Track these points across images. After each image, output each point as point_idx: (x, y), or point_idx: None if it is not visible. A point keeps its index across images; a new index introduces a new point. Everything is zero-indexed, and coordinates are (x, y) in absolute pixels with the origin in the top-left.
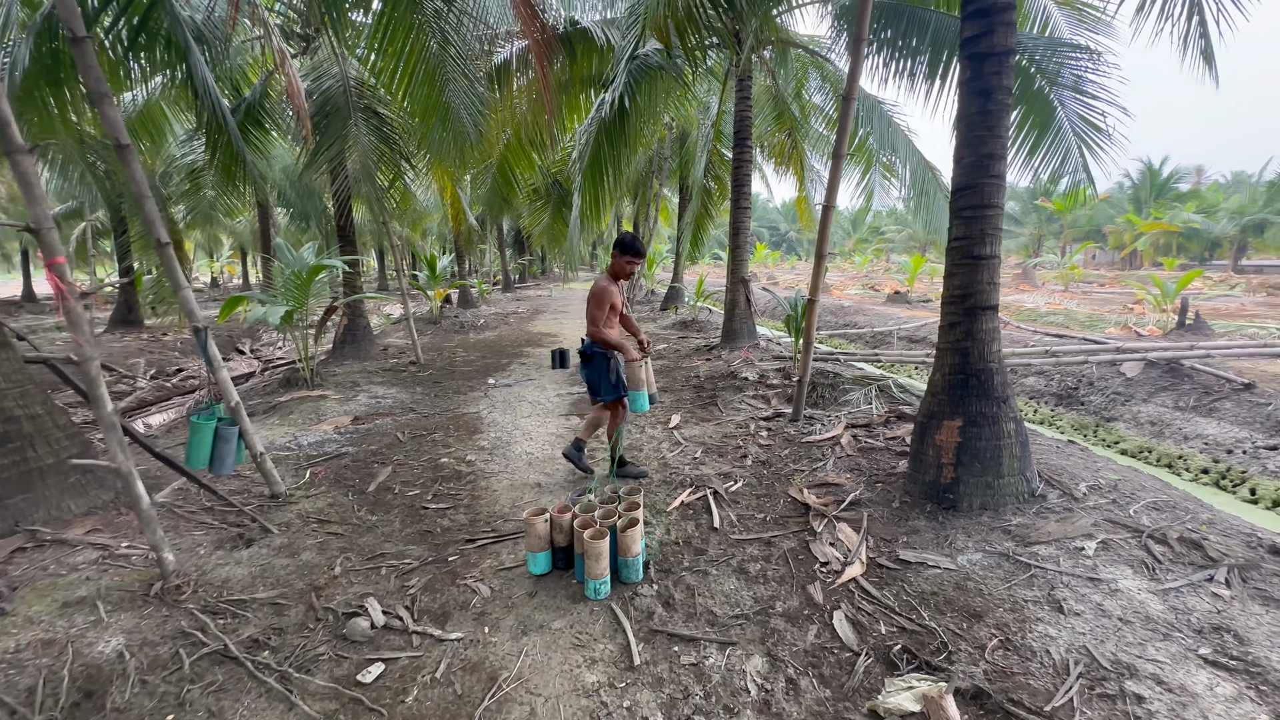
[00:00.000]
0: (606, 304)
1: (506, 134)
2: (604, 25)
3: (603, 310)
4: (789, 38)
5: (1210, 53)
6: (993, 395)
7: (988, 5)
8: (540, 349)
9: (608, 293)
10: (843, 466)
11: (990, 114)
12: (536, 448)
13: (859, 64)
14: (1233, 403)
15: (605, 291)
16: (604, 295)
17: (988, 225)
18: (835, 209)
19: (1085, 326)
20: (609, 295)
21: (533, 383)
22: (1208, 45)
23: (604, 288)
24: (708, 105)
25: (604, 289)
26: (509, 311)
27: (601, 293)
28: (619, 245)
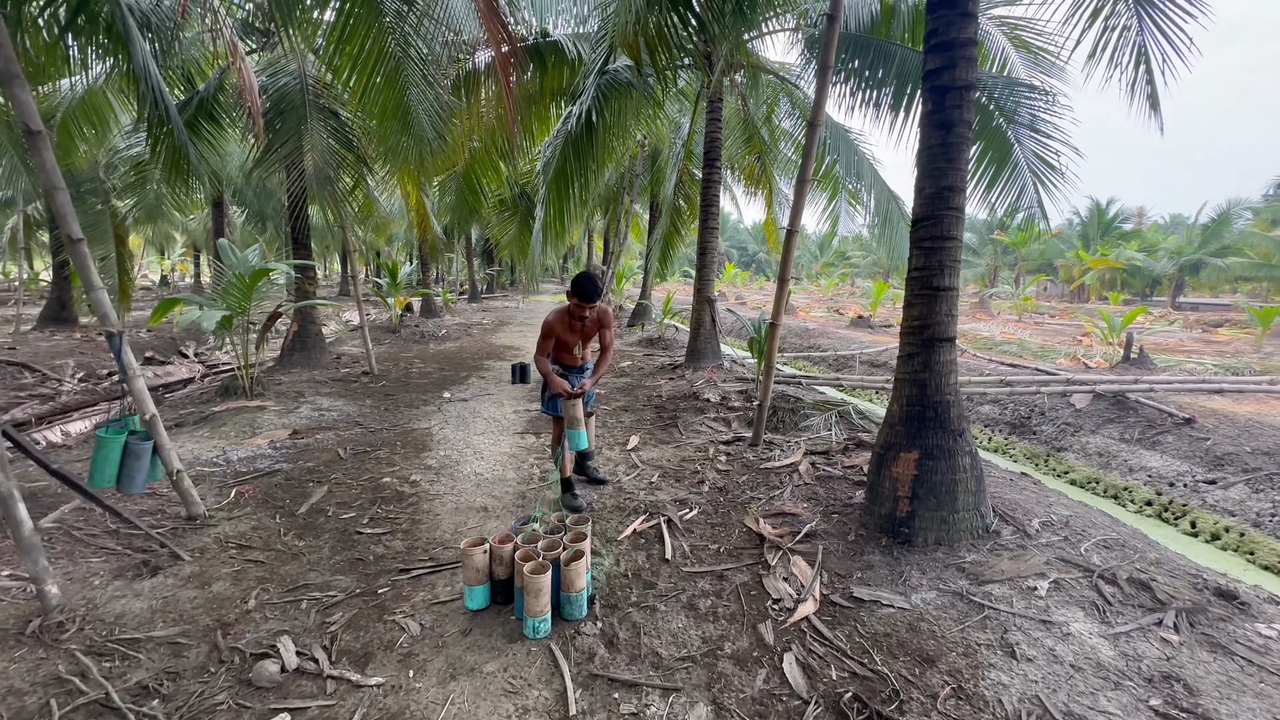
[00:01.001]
0: (548, 336)
1: (474, 143)
2: (575, 39)
3: (542, 341)
4: (759, 63)
5: (1156, 99)
6: (949, 428)
7: (950, 40)
8: (501, 362)
9: (549, 326)
10: (800, 495)
11: (951, 146)
12: (487, 468)
13: (824, 92)
14: (1174, 436)
15: (548, 325)
16: (547, 327)
17: (946, 257)
18: (799, 233)
19: (1037, 356)
20: (551, 329)
21: (490, 398)
22: (1153, 92)
23: (550, 322)
24: (679, 125)
25: (549, 323)
26: (473, 322)
27: (546, 325)
28: (572, 284)
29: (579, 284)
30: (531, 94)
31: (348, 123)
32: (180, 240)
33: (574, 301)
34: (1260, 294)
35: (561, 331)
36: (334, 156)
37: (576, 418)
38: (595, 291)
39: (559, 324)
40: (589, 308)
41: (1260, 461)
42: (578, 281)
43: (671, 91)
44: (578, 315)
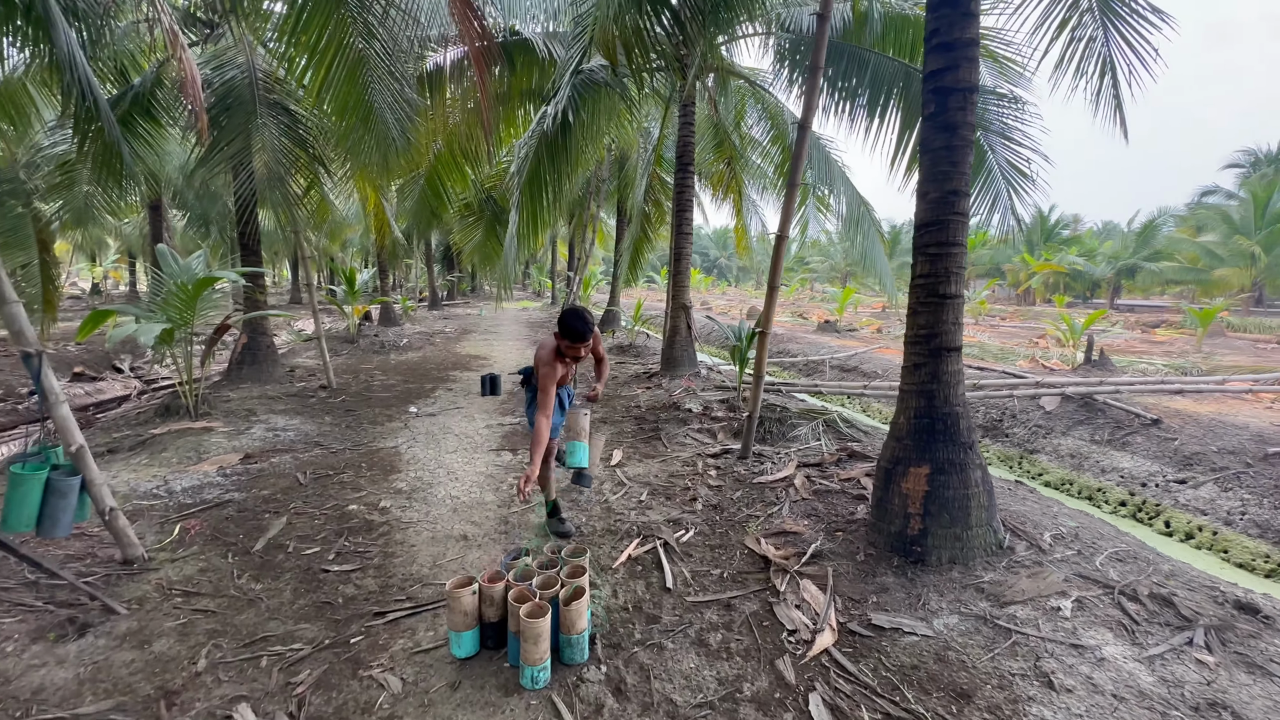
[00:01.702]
0: (552, 386)
1: (437, 144)
2: (547, 38)
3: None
4: (730, 67)
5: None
6: (959, 441)
7: (952, 40)
8: (469, 373)
9: (550, 376)
10: (799, 511)
11: (955, 150)
12: (463, 490)
13: (815, 92)
14: (1143, 437)
15: (547, 376)
16: (548, 378)
17: (953, 263)
18: (787, 239)
19: (998, 359)
20: (552, 376)
21: (460, 411)
22: (1119, 101)
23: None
24: (648, 131)
25: (548, 374)
26: (435, 331)
27: (545, 376)
28: (560, 326)
29: (569, 324)
30: (500, 94)
31: (302, 120)
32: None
33: (565, 344)
34: (1188, 295)
35: (560, 376)
36: (286, 156)
37: (582, 428)
38: (587, 329)
39: (557, 369)
40: (583, 347)
41: (1227, 460)
42: (567, 322)
43: (645, 93)
44: (571, 356)
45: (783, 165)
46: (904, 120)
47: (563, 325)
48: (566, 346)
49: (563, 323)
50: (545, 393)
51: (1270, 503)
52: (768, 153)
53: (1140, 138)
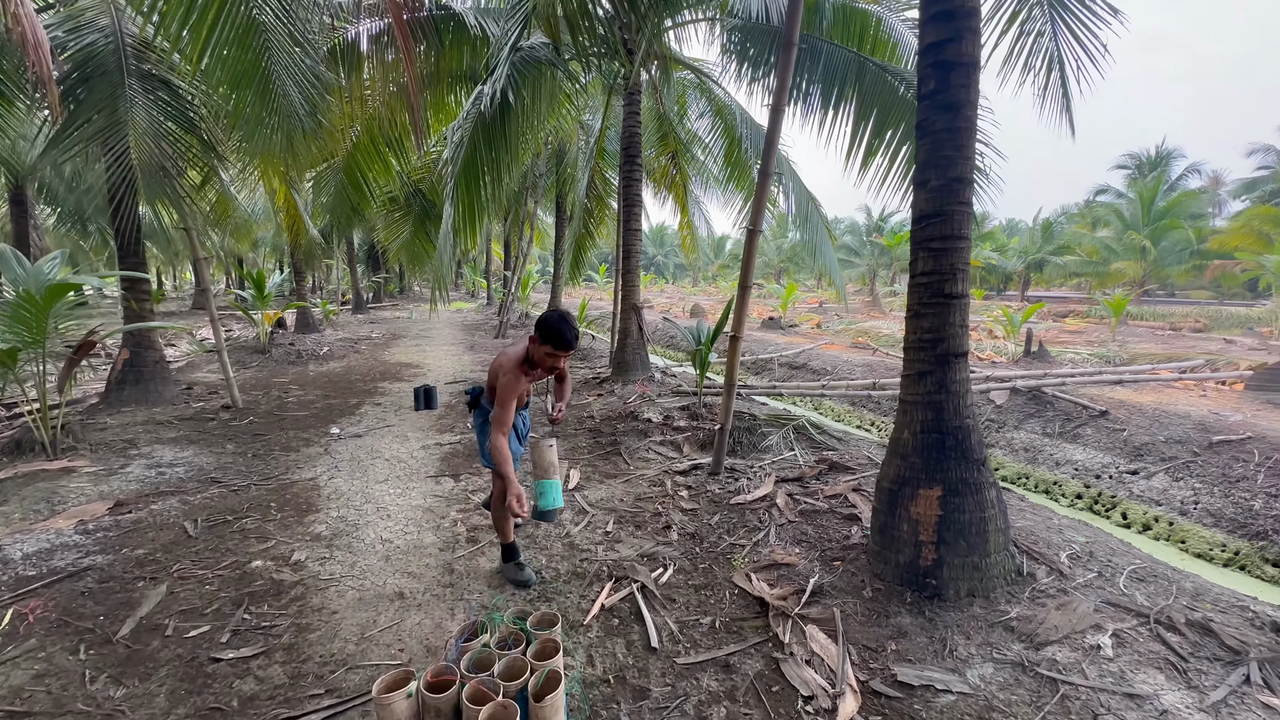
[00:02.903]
0: (512, 401)
1: (356, 130)
2: (479, 13)
3: (507, 411)
4: (675, 56)
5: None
6: (972, 457)
7: (953, 8)
8: (400, 384)
9: (513, 389)
10: (787, 537)
11: (959, 132)
12: (397, 531)
13: (788, 71)
14: (1093, 429)
15: (510, 388)
16: (509, 391)
17: (959, 259)
18: (760, 232)
19: None
20: (514, 390)
21: (391, 430)
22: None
23: (512, 384)
24: (589, 123)
25: (511, 385)
26: (360, 337)
27: (508, 386)
28: (543, 329)
29: (555, 329)
30: (426, 77)
31: (189, 99)
32: None
33: (545, 351)
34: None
35: (523, 391)
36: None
37: (551, 462)
38: (576, 336)
39: (522, 381)
40: (565, 357)
41: (1175, 450)
42: (552, 326)
43: (587, 81)
44: (548, 366)
45: (730, 158)
46: (858, 112)
47: (546, 330)
48: (546, 354)
49: (546, 327)
50: (504, 407)
51: (1220, 491)
52: (708, 148)
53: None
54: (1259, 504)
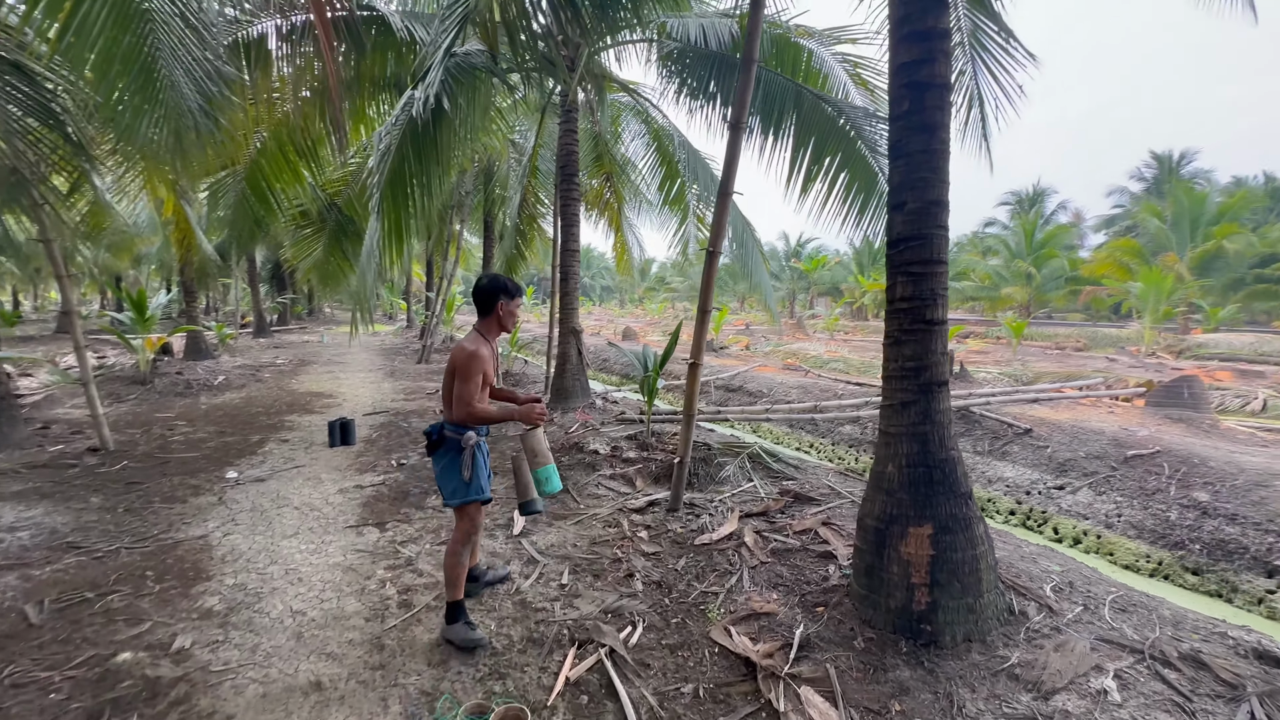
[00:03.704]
0: (477, 375)
1: (262, 135)
2: (407, 17)
3: (473, 383)
4: (611, 76)
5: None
6: (959, 491)
7: (927, 29)
8: (311, 417)
9: (477, 359)
10: (762, 580)
11: (935, 154)
12: (311, 599)
13: (748, 89)
14: (1019, 446)
15: (474, 359)
16: (472, 364)
17: (939, 284)
18: (719, 255)
19: (862, 372)
20: (480, 363)
21: (301, 472)
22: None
23: (471, 353)
24: (521, 143)
25: (472, 354)
26: (262, 363)
27: (469, 361)
28: (501, 290)
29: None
30: (345, 82)
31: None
32: None
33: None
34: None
35: (488, 364)
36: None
37: (545, 450)
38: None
39: (486, 356)
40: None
41: (1095, 465)
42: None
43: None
44: (514, 320)
45: (667, 181)
46: (797, 139)
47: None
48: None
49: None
50: (469, 380)
51: (1139, 504)
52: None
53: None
54: (1174, 515)
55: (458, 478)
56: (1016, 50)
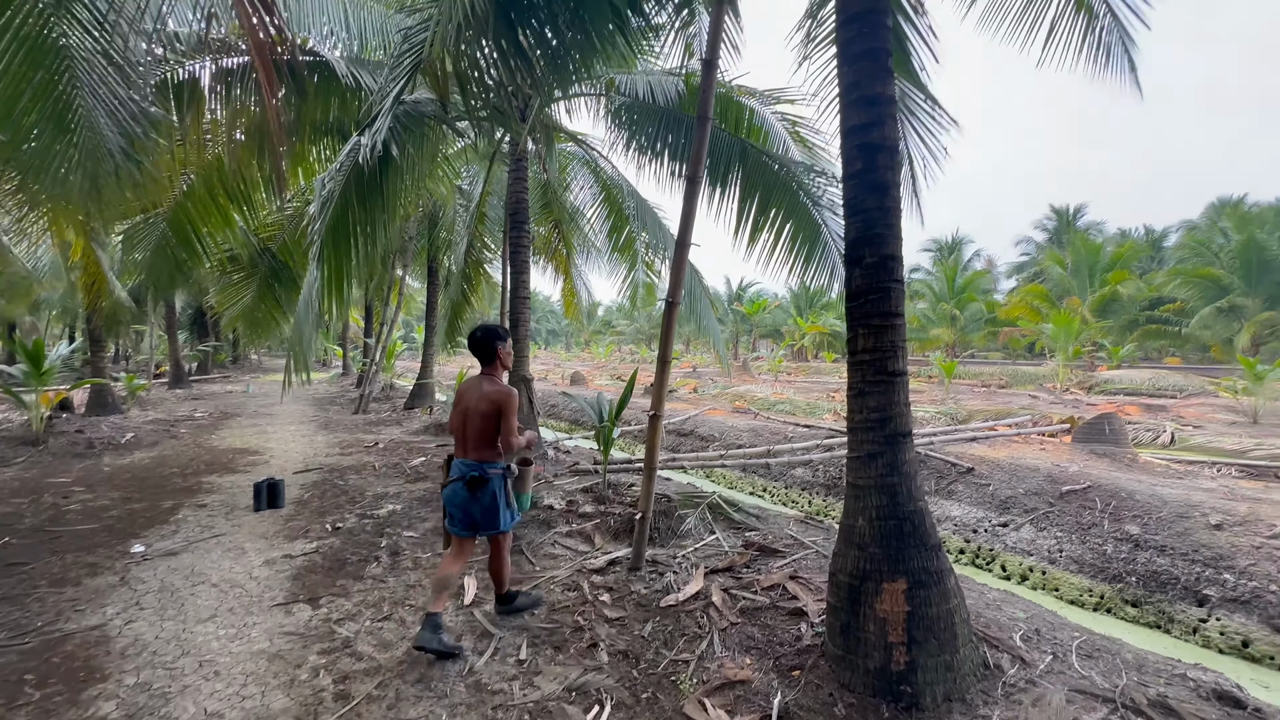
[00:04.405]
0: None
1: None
2: (353, 63)
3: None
4: (559, 126)
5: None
6: (930, 543)
7: (875, 94)
8: (233, 477)
9: (516, 397)
10: (734, 644)
11: (889, 211)
12: (231, 696)
13: (704, 143)
14: (964, 485)
15: (515, 397)
16: (515, 401)
17: (898, 336)
18: (678, 305)
19: (808, 414)
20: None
21: (221, 542)
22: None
23: (511, 392)
24: (468, 189)
25: (512, 393)
26: (179, 417)
27: (512, 399)
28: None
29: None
30: (285, 125)
31: None
32: None
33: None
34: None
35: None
36: None
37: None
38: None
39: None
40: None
41: (1035, 502)
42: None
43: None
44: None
45: (616, 230)
46: (743, 191)
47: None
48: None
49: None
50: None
51: (1078, 538)
52: (591, 221)
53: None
54: (1109, 548)
55: (502, 507)
56: (941, 116)
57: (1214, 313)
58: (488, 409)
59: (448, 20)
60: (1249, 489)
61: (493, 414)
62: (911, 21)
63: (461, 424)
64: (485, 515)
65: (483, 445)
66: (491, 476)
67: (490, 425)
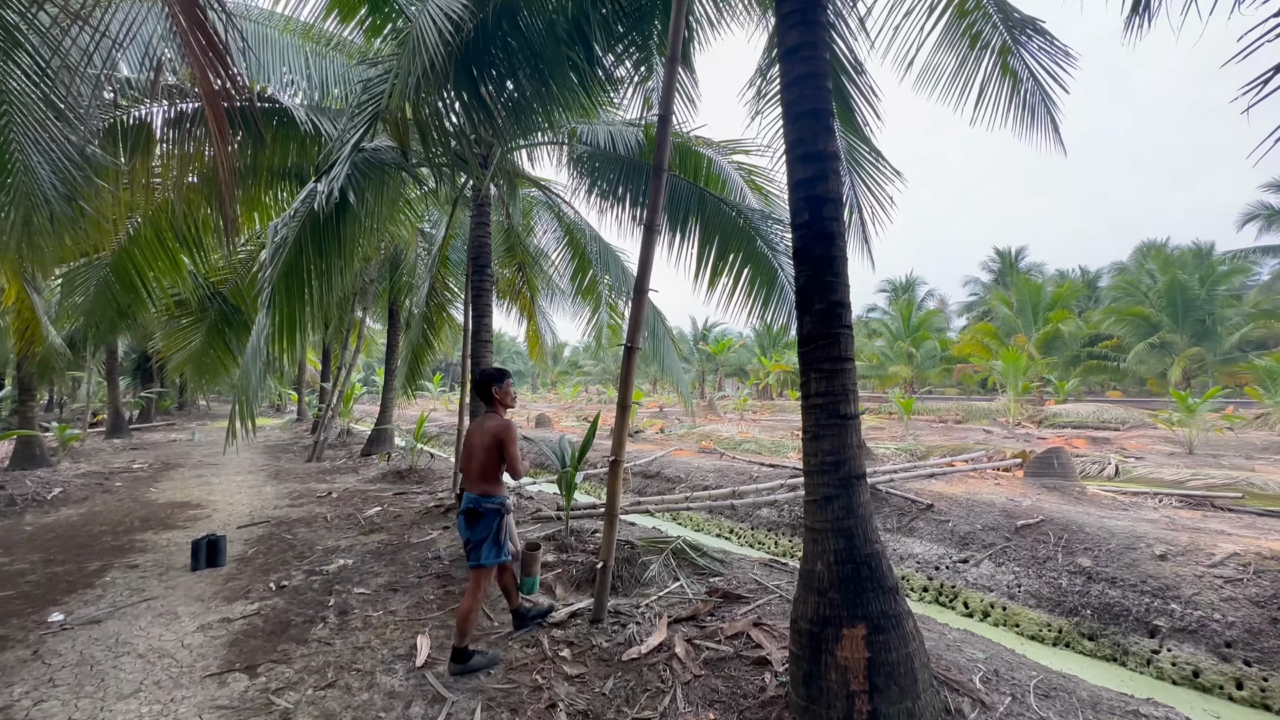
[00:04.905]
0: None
1: (134, 221)
2: (313, 110)
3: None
4: (522, 172)
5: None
6: (887, 586)
7: (819, 151)
8: (170, 534)
9: (515, 427)
10: (697, 699)
11: (835, 260)
12: None
13: (660, 193)
14: (924, 522)
15: (514, 427)
16: (515, 431)
17: (849, 380)
18: (638, 350)
19: (773, 452)
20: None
21: (152, 606)
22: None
23: (509, 422)
24: (431, 233)
25: (510, 423)
26: (115, 469)
27: (511, 429)
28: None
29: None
30: (240, 170)
31: None
32: None
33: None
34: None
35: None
36: None
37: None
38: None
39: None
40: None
41: (992, 537)
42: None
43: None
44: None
45: (580, 272)
46: (702, 237)
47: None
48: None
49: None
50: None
51: (1034, 572)
52: (555, 264)
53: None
54: (1064, 581)
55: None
56: (885, 168)
57: (1147, 348)
58: (489, 442)
59: (408, 73)
60: (1188, 518)
61: (494, 446)
62: (854, 81)
63: (468, 459)
64: (473, 547)
65: (485, 478)
66: (486, 511)
67: (492, 457)
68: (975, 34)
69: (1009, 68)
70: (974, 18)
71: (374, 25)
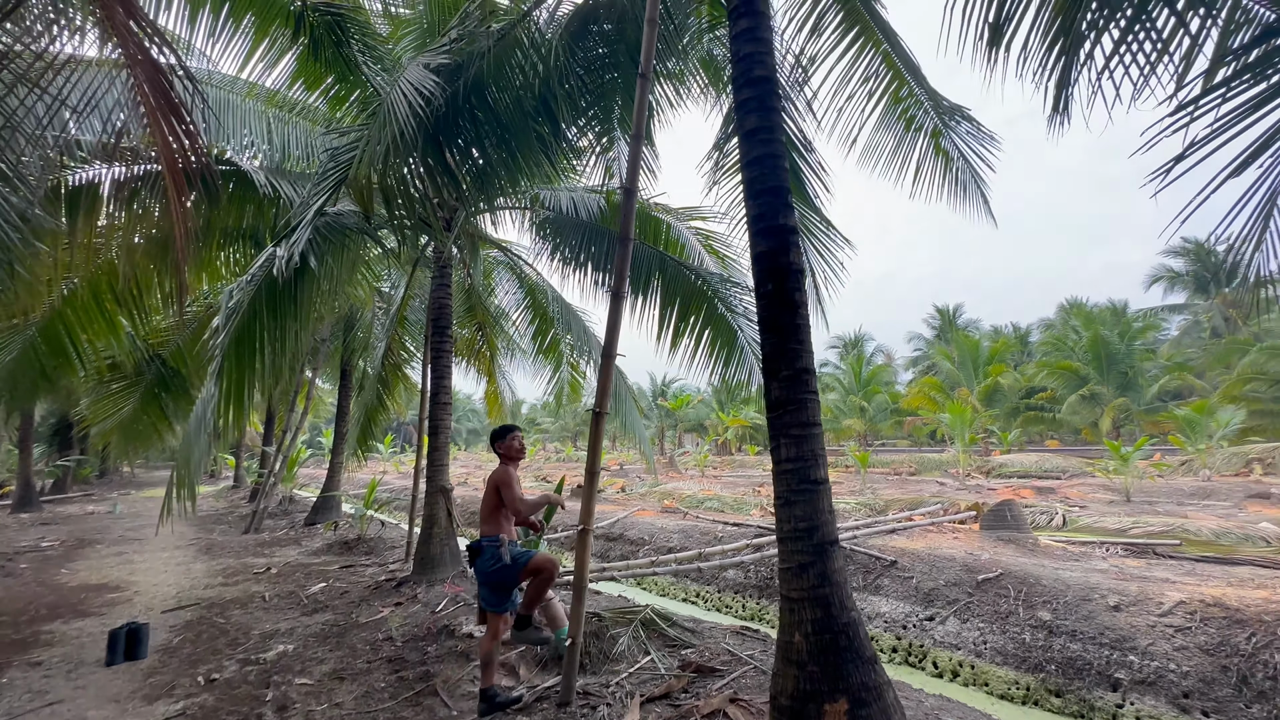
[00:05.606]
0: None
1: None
2: (272, 173)
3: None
4: (484, 234)
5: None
6: (865, 655)
7: (779, 225)
8: (83, 622)
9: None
10: None
11: (800, 328)
12: None
13: (626, 262)
14: (889, 579)
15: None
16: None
17: (818, 445)
18: (606, 414)
19: (736, 510)
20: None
21: (54, 711)
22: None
23: (507, 469)
24: (389, 293)
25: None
26: (21, 549)
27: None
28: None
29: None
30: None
31: None
32: None
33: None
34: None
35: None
36: None
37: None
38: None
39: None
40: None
41: (955, 593)
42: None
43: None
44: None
45: (540, 333)
46: (664, 299)
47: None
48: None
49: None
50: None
51: (998, 628)
52: (516, 324)
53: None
54: (1028, 636)
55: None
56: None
57: (1079, 399)
58: (490, 489)
59: (377, 141)
60: (1135, 567)
61: (494, 491)
62: (804, 157)
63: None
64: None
65: (488, 521)
66: (484, 547)
67: (491, 501)
68: (910, 118)
69: (941, 148)
70: (908, 103)
71: (339, 95)
